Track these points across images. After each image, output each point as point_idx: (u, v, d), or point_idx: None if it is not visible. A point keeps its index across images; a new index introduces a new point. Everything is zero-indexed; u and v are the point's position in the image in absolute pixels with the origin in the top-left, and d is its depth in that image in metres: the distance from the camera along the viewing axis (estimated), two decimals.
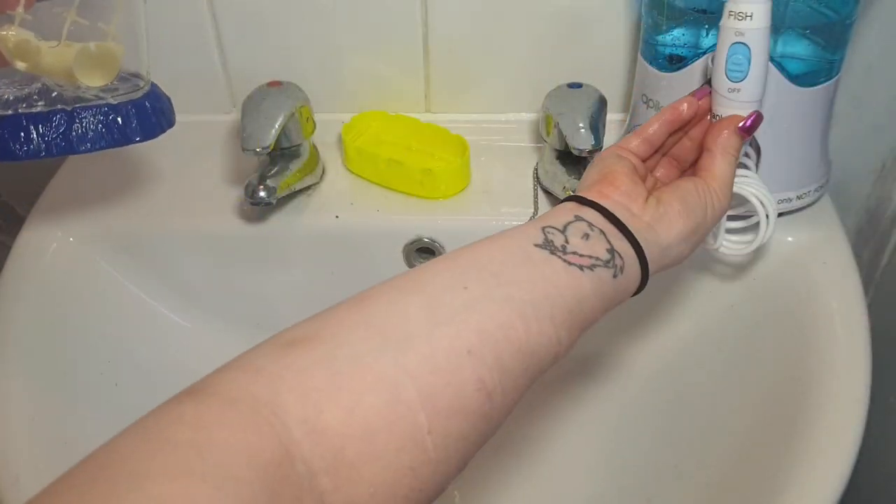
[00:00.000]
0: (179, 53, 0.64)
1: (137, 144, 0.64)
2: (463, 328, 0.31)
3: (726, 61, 0.44)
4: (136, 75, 0.47)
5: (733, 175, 0.44)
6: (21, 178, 0.74)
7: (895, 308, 0.68)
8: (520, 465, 0.59)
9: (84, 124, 0.43)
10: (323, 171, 0.64)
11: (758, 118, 0.44)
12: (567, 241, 0.36)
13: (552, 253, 0.35)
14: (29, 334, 0.53)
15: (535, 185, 0.61)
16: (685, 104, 0.45)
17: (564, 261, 0.35)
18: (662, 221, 0.40)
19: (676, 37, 0.53)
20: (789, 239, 0.56)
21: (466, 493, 0.58)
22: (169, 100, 0.48)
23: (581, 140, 0.54)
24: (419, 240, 0.60)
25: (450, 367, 0.30)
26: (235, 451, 0.26)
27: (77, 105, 0.43)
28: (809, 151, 0.55)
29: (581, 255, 0.36)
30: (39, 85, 0.44)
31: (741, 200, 0.49)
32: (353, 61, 0.64)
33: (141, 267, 0.60)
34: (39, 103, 0.43)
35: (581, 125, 0.55)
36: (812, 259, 0.55)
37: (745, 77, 0.44)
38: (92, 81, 0.43)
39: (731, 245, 0.51)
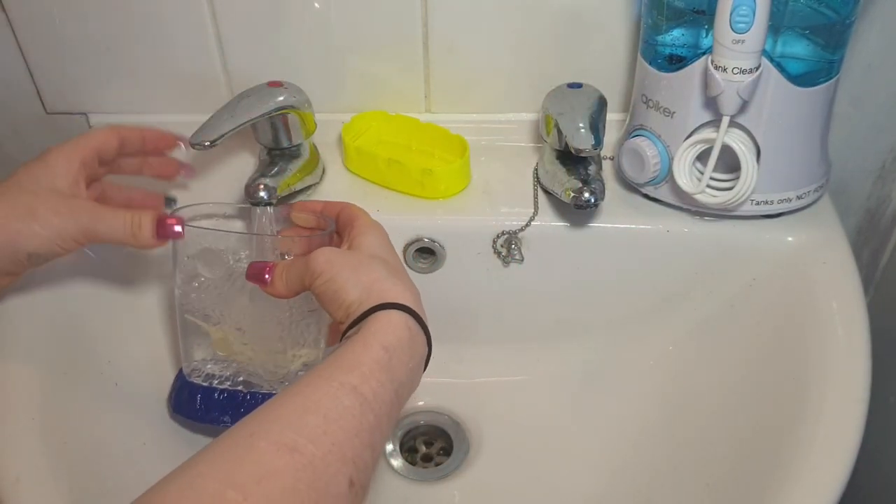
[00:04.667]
0: (179, 53, 0.64)
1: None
2: None
3: (731, 13, 0.44)
4: None
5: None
6: None
7: (895, 308, 0.68)
8: (519, 465, 0.59)
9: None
10: (323, 172, 0.64)
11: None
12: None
13: None
14: (29, 334, 0.53)
15: (535, 185, 0.61)
16: None
17: None
18: None
19: (676, 37, 0.53)
20: (789, 239, 0.56)
21: (467, 493, 0.58)
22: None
23: (581, 140, 0.54)
24: (419, 240, 0.60)
25: None
26: None
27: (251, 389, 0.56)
28: (809, 151, 0.55)
29: None
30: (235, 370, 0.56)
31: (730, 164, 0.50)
32: (353, 61, 0.64)
33: (140, 267, 0.60)
34: (226, 383, 0.56)
35: (581, 125, 0.55)
36: (812, 259, 0.55)
37: (750, 28, 0.44)
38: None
39: (714, 192, 0.54)
